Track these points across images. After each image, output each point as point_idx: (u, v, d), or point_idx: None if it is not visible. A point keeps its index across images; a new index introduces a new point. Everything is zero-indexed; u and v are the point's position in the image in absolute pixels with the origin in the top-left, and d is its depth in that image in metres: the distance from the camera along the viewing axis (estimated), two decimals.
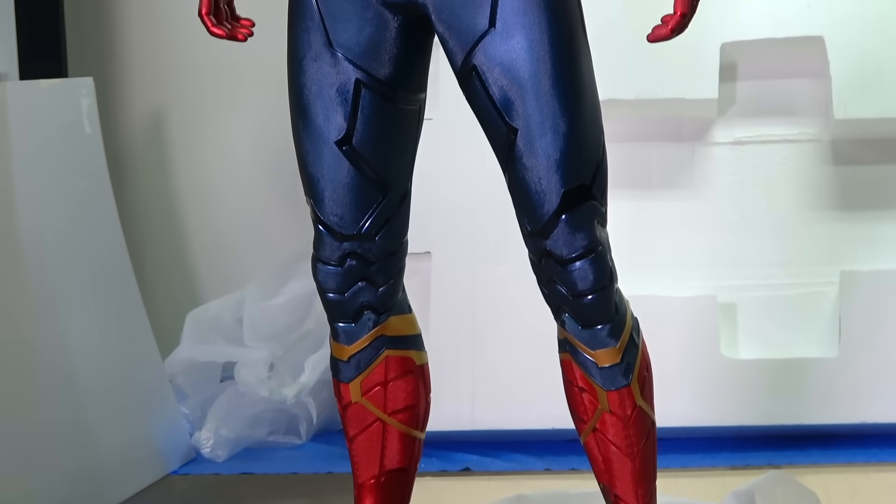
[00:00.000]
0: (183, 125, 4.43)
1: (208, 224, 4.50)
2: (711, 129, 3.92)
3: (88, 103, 3.68)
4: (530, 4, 2.11)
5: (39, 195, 3.43)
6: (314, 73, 2.23)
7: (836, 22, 3.82)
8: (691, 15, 2.14)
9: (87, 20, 4.43)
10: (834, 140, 3.88)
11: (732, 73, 3.91)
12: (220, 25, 2.29)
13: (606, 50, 3.56)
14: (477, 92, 2.17)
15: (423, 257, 3.81)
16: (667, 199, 3.94)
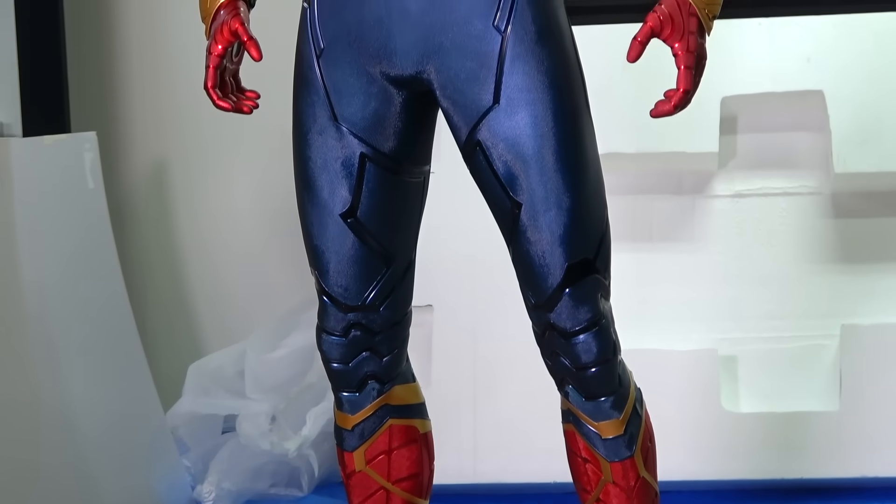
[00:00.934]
0: (185, 176, 4.44)
1: (210, 274, 4.50)
2: (712, 181, 3.94)
3: (91, 158, 3.69)
4: (534, 81, 2.13)
5: (42, 250, 3.45)
6: (319, 147, 2.24)
7: (835, 76, 3.84)
8: (694, 91, 2.16)
9: (89, 73, 4.44)
10: (834, 193, 3.89)
11: (733, 126, 3.93)
12: (226, 98, 2.30)
13: (608, 104, 3.58)
14: (481, 167, 2.18)
15: (425, 310, 3.82)
16: (668, 252, 3.95)
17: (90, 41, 4.45)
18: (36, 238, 3.45)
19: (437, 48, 2.15)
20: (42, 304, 3.44)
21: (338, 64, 2.21)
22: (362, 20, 2.17)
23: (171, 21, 4.43)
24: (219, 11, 2.30)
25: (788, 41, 3.89)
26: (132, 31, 4.45)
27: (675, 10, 2.14)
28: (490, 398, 3.84)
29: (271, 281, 4.42)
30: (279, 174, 3.61)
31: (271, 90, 3.03)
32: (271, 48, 3.06)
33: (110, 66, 4.46)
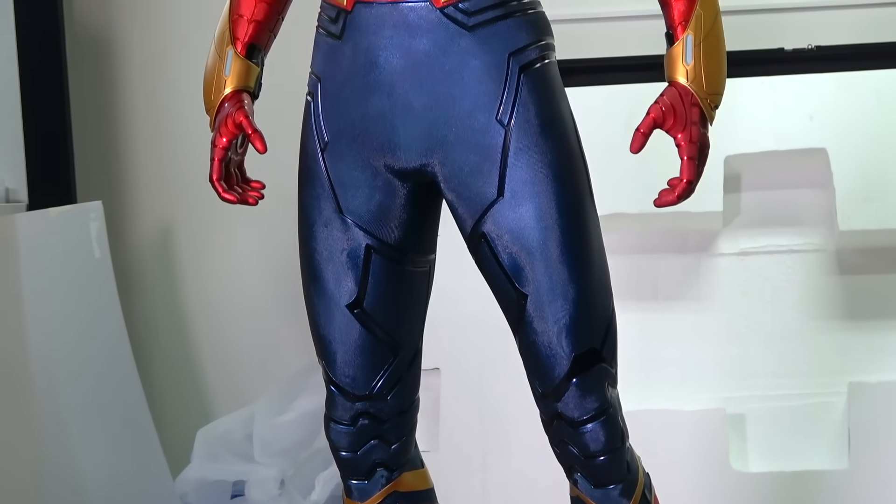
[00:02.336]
0: (190, 239, 4.45)
1: (217, 336, 4.51)
2: (717, 240, 3.94)
3: (97, 227, 3.71)
4: (538, 174, 2.14)
5: (49, 319, 3.46)
6: (325, 239, 2.25)
7: (839, 134, 3.85)
8: (697, 181, 2.17)
9: (94, 141, 4.46)
10: (839, 250, 3.89)
11: (737, 184, 3.94)
12: (231, 190, 2.31)
13: (611, 164, 3.57)
14: (487, 258, 2.19)
15: (432, 373, 3.82)
16: (673, 311, 3.95)
17: (94, 110, 4.47)
18: (43, 309, 3.46)
19: (440, 142, 2.15)
20: (49, 372, 3.45)
21: (342, 157, 2.22)
22: (366, 115, 2.18)
23: (174, 88, 4.45)
24: (223, 104, 2.31)
25: (791, 99, 3.90)
26: (136, 99, 4.47)
27: (678, 101, 2.15)
28: (499, 460, 3.84)
29: (278, 342, 4.43)
30: (283, 235, 3.61)
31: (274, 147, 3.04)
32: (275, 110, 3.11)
33: (115, 133, 4.48)
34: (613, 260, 2.34)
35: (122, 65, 4.46)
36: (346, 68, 2.19)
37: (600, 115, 3.94)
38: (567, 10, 4.11)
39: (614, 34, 4.11)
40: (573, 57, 3.92)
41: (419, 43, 2.13)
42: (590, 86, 3.95)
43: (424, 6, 2.12)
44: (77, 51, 4.41)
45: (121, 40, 4.45)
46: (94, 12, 4.45)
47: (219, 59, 2.34)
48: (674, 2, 2.18)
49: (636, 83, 3.89)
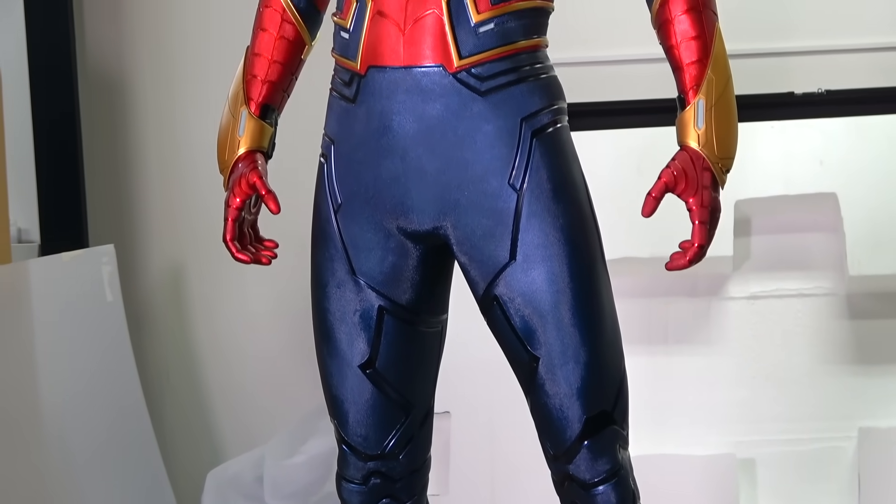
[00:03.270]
0: (201, 281, 4.47)
1: (228, 378, 4.51)
2: (727, 283, 3.95)
3: (110, 271, 3.73)
4: (550, 238, 2.15)
5: (61, 364, 3.47)
6: (338, 300, 2.26)
7: (848, 178, 3.86)
8: (709, 245, 2.17)
9: (106, 183, 4.48)
10: (849, 294, 3.90)
11: (747, 228, 3.94)
12: (245, 251, 2.32)
13: (621, 209, 3.58)
14: (499, 320, 2.19)
15: (442, 417, 3.82)
16: (683, 355, 3.96)
17: (106, 152, 4.49)
18: (55, 353, 3.48)
19: (453, 205, 2.16)
20: (61, 415, 3.46)
21: (355, 219, 2.23)
22: (379, 177, 2.19)
23: (186, 131, 4.47)
24: (237, 164, 2.32)
25: (801, 144, 3.91)
26: (148, 142, 4.49)
27: (689, 165, 2.16)
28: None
29: (289, 384, 4.43)
30: (295, 276, 3.62)
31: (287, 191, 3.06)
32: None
33: (127, 176, 4.49)
34: (624, 304, 2.35)
35: (134, 108, 4.48)
36: (359, 131, 2.20)
37: (611, 159, 3.96)
38: (579, 53, 4.13)
39: (625, 77, 4.12)
40: (585, 100, 3.94)
41: (432, 107, 2.14)
42: (601, 129, 3.97)
43: (438, 71, 2.13)
44: (89, 93, 4.43)
45: (133, 83, 4.47)
46: (107, 56, 4.47)
47: (232, 118, 2.36)
48: (685, 66, 2.19)
49: (648, 126, 3.90)
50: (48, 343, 3.44)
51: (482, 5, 2.13)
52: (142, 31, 4.47)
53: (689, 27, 2.19)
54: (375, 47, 2.15)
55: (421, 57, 2.13)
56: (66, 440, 3.48)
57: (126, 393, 3.74)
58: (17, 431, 3.32)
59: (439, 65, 2.13)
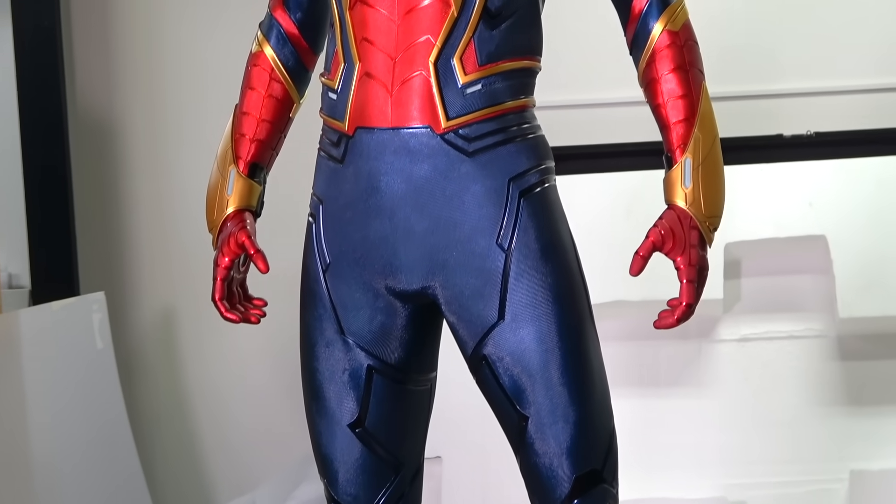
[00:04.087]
0: (192, 325, 4.46)
1: (219, 422, 4.51)
2: (717, 326, 3.96)
3: (100, 318, 3.72)
4: (538, 297, 2.15)
5: (51, 413, 3.47)
6: (326, 359, 2.26)
7: (838, 220, 3.87)
8: (696, 303, 2.18)
9: (97, 225, 4.48)
10: (840, 336, 3.91)
11: (737, 270, 3.95)
12: (233, 310, 2.32)
13: (612, 252, 3.59)
14: (487, 380, 2.19)
15: (434, 461, 3.82)
16: (675, 397, 3.96)
17: (97, 195, 4.49)
18: (45, 402, 3.47)
19: (441, 265, 2.16)
20: (52, 463, 3.46)
21: (344, 279, 2.23)
22: (367, 238, 2.19)
23: (177, 173, 4.47)
24: (225, 223, 2.33)
25: (790, 186, 3.93)
26: (139, 184, 4.50)
27: (676, 224, 2.16)
28: None
29: (280, 429, 4.42)
30: (286, 319, 3.62)
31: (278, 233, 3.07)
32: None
33: (117, 218, 4.49)
34: (615, 347, 2.36)
35: (124, 153, 4.49)
36: (347, 192, 2.20)
37: (601, 202, 3.97)
38: (569, 97, 4.14)
39: (615, 120, 4.13)
40: (575, 143, 3.96)
41: (420, 168, 2.14)
42: (591, 173, 3.98)
43: (425, 132, 2.14)
44: (80, 139, 4.44)
45: (124, 129, 4.48)
46: (98, 98, 4.47)
47: (221, 178, 2.36)
48: (672, 125, 2.19)
49: (637, 170, 3.91)
50: (39, 392, 3.43)
51: (469, 66, 2.13)
52: (133, 76, 4.47)
53: (676, 86, 2.19)
54: (363, 108, 2.16)
55: (409, 118, 2.13)
56: (58, 488, 3.47)
57: (117, 440, 3.73)
58: (9, 481, 3.31)
59: (427, 126, 2.13)
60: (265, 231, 2.51)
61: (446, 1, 2.11)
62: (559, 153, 2.31)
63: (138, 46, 4.47)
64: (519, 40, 2.17)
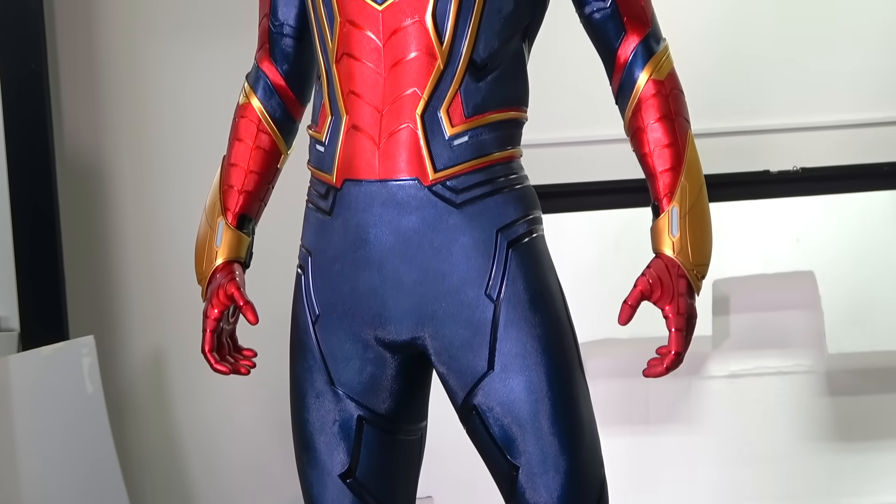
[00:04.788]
0: (182, 367, 4.46)
1: (210, 466, 4.50)
2: (706, 362, 3.97)
3: (90, 362, 3.72)
4: (527, 347, 2.15)
5: (42, 458, 3.46)
6: (317, 410, 2.26)
7: (826, 256, 3.89)
8: (685, 351, 2.18)
9: (85, 268, 4.48)
10: (829, 371, 3.92)
11: (725, 307, 3.97)
12: (223, 361, 2.32)
13: (600, 289, 3.62)
14: (478, 430, 2.20)
15: (424, 502, 3.82)
16: (665, 435, 3.97)
17: (85, 238, 4.49)
18: (36, 447, 3.46)
19: (430, 316, 2.17)
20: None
21: (333, 330, 2.23)
22: (357, 289, 2.20)
23: (165, 217, 4.48)
24: (214, 275, 2.33)
25: (778, 222, 3.94)
26: (127, 228, 4.50)
27: (664, 273, 2.17)
28: None
29: (271, 471, 4.42)
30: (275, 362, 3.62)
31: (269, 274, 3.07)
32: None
33: (106, 262, 4.50)
34: (605, 384, 2.36)
35: (112, 195, 4.49)
36: (336, 244, 2.21)
37: (590, 239, 3.98)
38: (556, 135, 4.15)
39: (601, 158, 4.15)
40: (562, 181, 3.97)
41: (408, 220, 2.15)
42: (579, 211, 3.99)
43: (413, 184, 2.14)
44: (68, 181, 4.44)
45: (111, 171, 4.48)
46: (85, 141, 4.48)
47: (210, 229, 2.36)
48: (658, 174, 2.20)
49: (625, 207, 3.92)
50: (29, 438, 3.43)
51: (456, 118, 2.14)
52: (119, 119, 4.48)
53: (662, 135, 2.20)
54: (351, 161, 2.16)
55: (396, 171, 2.14)
56: None
57: (107, 483, 3.72)
58: None
59: (415, 178, 2.14)
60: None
61: (432, 54, 2.12)
62: (546, 191, 2.32)
63: (125, 89, 4.48)
64: (505, 92, 2.18)
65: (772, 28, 4.18)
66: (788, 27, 4.15)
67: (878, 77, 4.09)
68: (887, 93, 4.07)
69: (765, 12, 4.16)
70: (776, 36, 4.16)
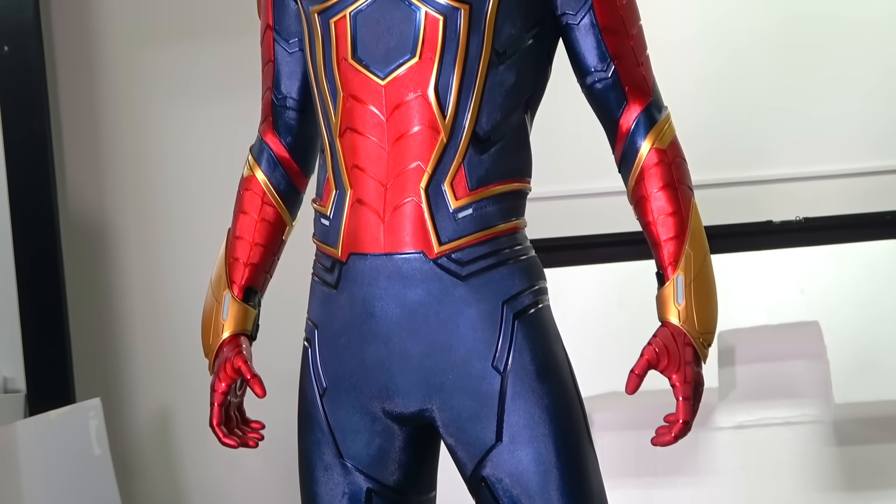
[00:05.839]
0: (189, 427, 4.46)
1: None
2: (714, 414, 3.96)
3: (97, 425, 3.72)
4: (535, 419, 2.15)
5: None
6: (326, 483, 2.26)
7: (830, 306, 3.89)
8: (693, 419, 2.19)
9: (91, 327, 4.49)
10: (836, 421, 3.91)
11: (731, 358, 3.96)
12: (231, 434, 2.33)
13: (605, 342, 3.63)
14: (487, 501, 2.20)
15: None
16: (673, 487, 3.96)
17: (90, 296, 4.51)
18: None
19: (438, 388, 2.17)
20: None
21: (341, 403, 2.24)
22: (363, 362, 2.20)
23: (170, 273, 4.49)
24: (221, 348, 2.34)
25: (781, 273, 3.95)
26: (132, 285, 4.51)
27: (671, 342, 2.18)
28: None
29: None
30: (283, 417, 3.62)
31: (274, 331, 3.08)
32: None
33: (112, 320, 4.51)
34: (611, 437, 2.36)
35: (117, 252, 4.50)
36: (342, 317, 2.21)
37: (593, 293, 3.99)
38: (557, 188, 4.16)
39: (603, 211, 4.15)
40: (564, 235, 3.98)
41: (414, 293, 2.16)
42: (582, 264, 3.99)
43: (418, 257, 2.15)
44: (72, 239, 4.45)
45: (115, 228, 4.50)
46: (89, 201, 4.50)
47: (216, 303, 2.37)
48: (662, 242, 2.21)
49: (628, 260, 3.93)
50: (37, 501, 3.42)
51: (460, 191, 2.15)
52: (122, 178, 4.50)
53: (665, 203, 2.21)
54: (356, 235, 2.17)
55: (401, 244, 2.15)
56: None
57: None
58: None
59: (420, 251, 2.14)
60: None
61: (435, 127, 2.13)
62: (549, 245, 2.33)
63: (127, 148, 4.50)
64: (508, 163, 2.19)
65: (771, 77, 4.19)
66: (788, 76, 4.17)
67: (879, 125, 4.10)
68: (888, 141, 4.08)
69: (764, 62, 4.18)
70: (776, 85, 4.18)
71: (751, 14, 4.18)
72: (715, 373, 3.86)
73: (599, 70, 2.23)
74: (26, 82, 4.30)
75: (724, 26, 4.18)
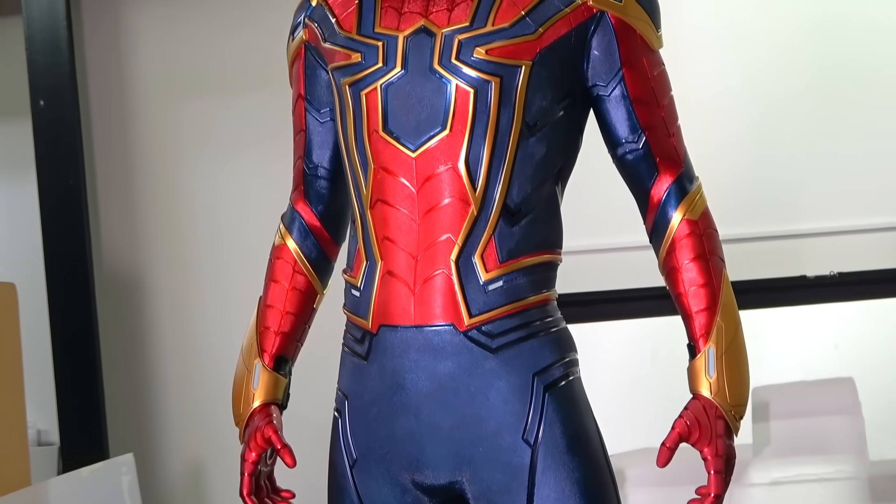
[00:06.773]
0: (222, 483, 4.46)
1: None
2: (748, 470, 3.94)
3: (129, 481, 3.73)
4: (566, 492, 2.15)
5: None
6: None
7: (865, 362, 3.88)
8: (724, 492, 2.17)
9: (125, 382, 4.51)
10: (871, 477, 3.89)
11: (766, 413, 3.95)
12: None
13: (637, 398, 3.63)
14: None
15: None
16: None
17: (123, 351, 4.53)
18: None
19: (468, 460, 2.17)
20: None
21: (371, 474, 2.23)
22: (394, 434, 2.20)
23: (203, 328, 4.50)
24: (252, 417, 2.34)
25: (816, 329, 3.93)
26: (165, 340, 4.53)
27: (702, 414, 2.17)
28: None
29: None
30: (315, 469, 3.62)
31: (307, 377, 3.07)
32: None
33: (145, 378, 4.52)
34: (644, 494, 2.35)
35: (151, 307, 4.52)
36: (372, 388, 2.21)
37: (625, 348, 3.98)
38: (590, 241, 4.15)
39: (635, 265, 4.13)
40: (596, 289, 3.97)
41: (444, 365, 2.16)
42: (614, 319, 3.99)
43: (448, 330, 2.15)
44: (106, 294, 4.47)
45: (149, 283, 4.52)
46: (123, 256, 4.52)
47: (247, 371, 2.37)
48: (694, 314, 2.20)
49: (662, 315, 3.91)
50: None
51: (490, 263, 2.15)
52: (156, 233, 4.52)
53: (696, 275, 2.20)
54: (386, 307, 2.17)
55: (431, 316, 2.15)
56: None
57: None
58: None
59: (450, 324, 2.14)
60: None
61: (466, 200, 2.13)
62: (581, 299, 2.32)
63: (161, 203, 4.53)
64: (539, 235, 2.19)
65: (805, 129, 4.19)
66: (823, 130, 4.16)
67: None
68: None
69: (799, 115, 4.17)
70: (810, 138, 4.17)
71: (786, 67, 4.18)
72: (749, 429, 3.84)
73: (630, 141, 2.23)
74: (62, 137, 4.34)
75: (761, 80, 4.18)
